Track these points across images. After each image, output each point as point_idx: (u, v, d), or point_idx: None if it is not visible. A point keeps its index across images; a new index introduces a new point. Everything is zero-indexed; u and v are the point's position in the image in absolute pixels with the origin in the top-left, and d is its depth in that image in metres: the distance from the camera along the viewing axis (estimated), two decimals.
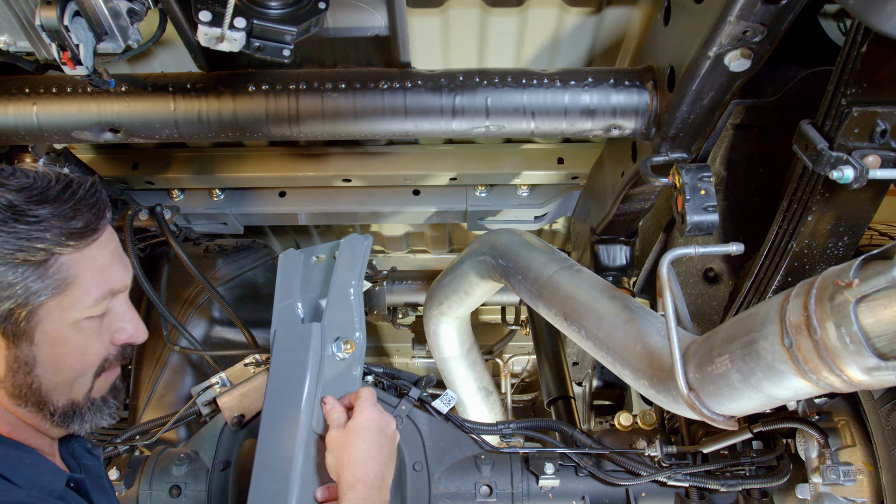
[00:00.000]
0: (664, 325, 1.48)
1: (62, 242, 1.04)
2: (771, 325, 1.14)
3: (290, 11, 1.36)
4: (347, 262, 1.71)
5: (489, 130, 1.68)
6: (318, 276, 1.78)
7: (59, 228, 1.04)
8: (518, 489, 1.91)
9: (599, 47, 1.86)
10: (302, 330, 1.65)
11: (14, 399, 1.08)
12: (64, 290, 1.05)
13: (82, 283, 1.07)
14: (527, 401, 4.61)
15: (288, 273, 1.79)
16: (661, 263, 1.37)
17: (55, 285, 1.04)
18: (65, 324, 1.07)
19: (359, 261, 1.72)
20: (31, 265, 1.02)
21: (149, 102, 1.64)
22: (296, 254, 1.83)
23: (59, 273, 1.04)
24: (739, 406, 1.29)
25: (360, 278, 1.71)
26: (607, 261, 2.24)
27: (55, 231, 1.03)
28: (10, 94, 1.64)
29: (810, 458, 1.92)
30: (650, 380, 1.50)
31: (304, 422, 1.52)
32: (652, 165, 1.63)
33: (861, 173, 1.24)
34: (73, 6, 1.22)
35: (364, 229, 3.02)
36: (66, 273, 1.05)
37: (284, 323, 1.71)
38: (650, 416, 2.11)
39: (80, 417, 1.15)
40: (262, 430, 1.55)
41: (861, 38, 1.20)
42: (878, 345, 1.00)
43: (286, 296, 1.75)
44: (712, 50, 1.31)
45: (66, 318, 1.07)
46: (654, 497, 2.01)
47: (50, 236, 1.03)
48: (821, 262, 1.53)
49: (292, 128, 1.67)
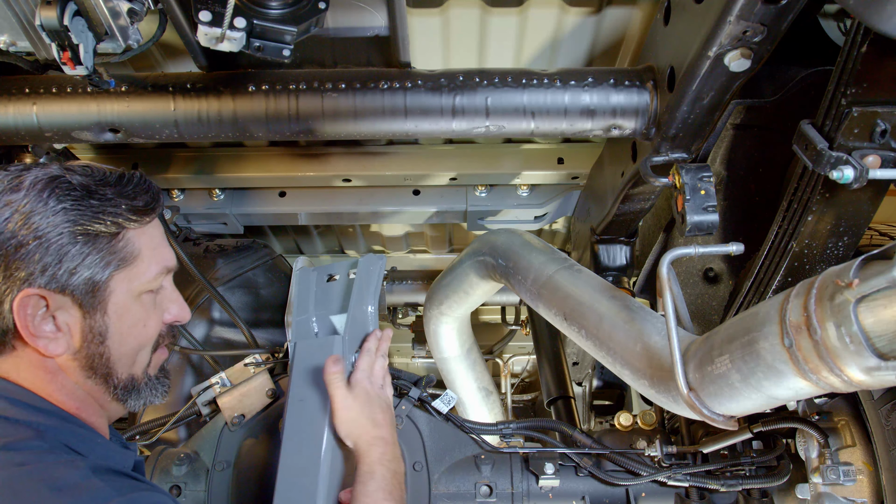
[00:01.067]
0: (664, 324, 1.48)
1: (129, 218, 1.13)
2: (771, 325, 1.14)
3: (290, 11, 1.36)
4: (365, 282, 1.84)
5: (489, 130, 1.68)
6: (333, 294, 1.90)
7: (125, 205, 1.12)
8: (518, 489, 1.91)
9: (599, 47, 1.86)
10: (323, 342, 1.74)
11: (86, 371, 1.13)
12: (130, 263, 1.13)
13: (144, 258, 1.15)
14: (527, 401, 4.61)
15: (304, 290, 1.91)
16: (661, 263, 1.37)
17: (123, 258, 1.12)
18: (131, 295, 1.15)
19: (374, 280, 1.84)
20: (106, 237, 1.10)
21: (149, 102, 1.64)
22: (310, 271, 1.97)
23: (126, 247, 1.13)
24: (739, 406, 1.29)
25: (377, 296, 1.83)
26: (607, 261, 2.24)
27: (122, 207, 1.12)
28: (10, 94, 1.64)
29: (810, 458, 1.92)
30: (650, 380, 1.50)
31: (329, 427, 1.58)
32: (652, 165, 1.63)
33: (861, 173, 1.24)
34: (73, 6, 1.22)
35: (364, 229, 3.02)
36: (131, 247, 1.13)
37: (303, 336, 1.81)
38: (650, 416, 2.11)
39: (138, 393, 1.22)
40: (286, 437, 1.60)
41: (861, 38, 1.20)
42: (878, 345, 1.00)
43: (302, 311, 1.86)
44: (712, 50, 1.31)
45: (132, 289, 1.14)
46: (654, 497, 2.01)
47: (119, 211, 1.11)
48: (821, 262, 1.53)
49: (292, 128, 1.67)
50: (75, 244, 1.07)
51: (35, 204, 1.05)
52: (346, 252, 3.21)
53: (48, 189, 1.07)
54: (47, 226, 1.05)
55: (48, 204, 1.06)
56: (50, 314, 1.07)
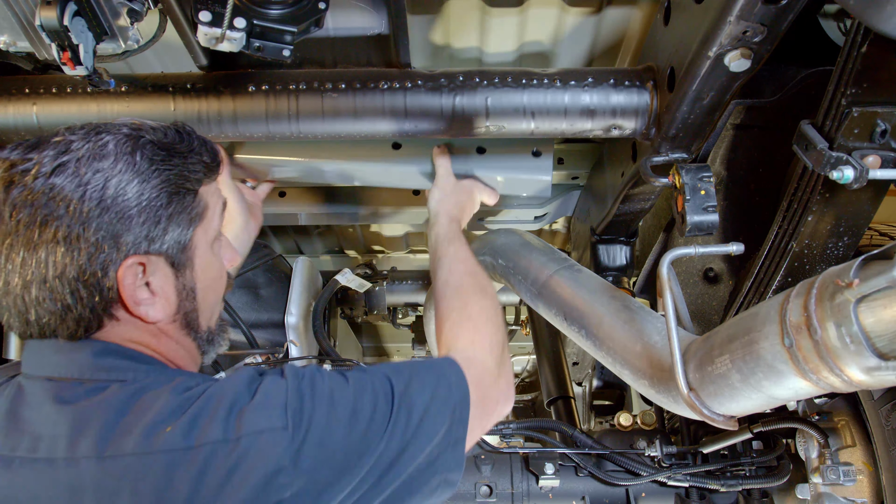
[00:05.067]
0: (664, 325, 1.48)
1: (204, 173, 1.14)
2: (771, 325, 1.14)
3: (290, 11, 1.35)
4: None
5: (489, 130, 1.68)
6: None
7: (199, 162, 1.13)
8: (518, 489, 1.91)
9: (599, 47, 1.86)
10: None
11: (184, 329, 1.14)
12: (204, 217, 1.14)
13: (211, 208, 1.16)
14: (527, 401, 4.61)
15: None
16: (661, 263, 1.37)
17: (200, 213, 1.13)
18: (208, 248, 1.16)
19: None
20: (190, 194, 1.10)
21: (149, 102, 1.64)
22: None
23: (201, 201, 1.13)
24: (739, 406, 1.29)
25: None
26: (607, 261, 2.24)
27: (199, 165, 1.12)
28: (10, 94, 1.64)
29: (810, 458, 1.93)
30: (650, 380, 1.50)
31: None
32: (652, 165, 1.63)
33: (861, 173, 1.24)
34: (73, 6, 1.22)
35: (364, 229, 3.02)
36: (204, 201, 1.14)
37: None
38: (650, 416, 2.11)
39: (212, 346, 1.23)
40: None
41: (861, 38, 1.20)
42: (878, 345, 1.00)
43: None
44: (712, 50, 1.31)
45: (208, 241, 1.16)
46: (654, 497, 2.01)
47: (198, 168, 1.12)
48: (821, 262, 1.54)
49: (292, 127, 1.67)
50: (170, 205, 1.06)
51: (129, 169, 1.02)
52: (346, 252, 3.21)
53: (138, 151, 1.04)
54: (145, 190, 1.03)
55: (141, 167, 1.03)
56: (145, 279, 1.05)
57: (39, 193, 0.98)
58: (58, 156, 1.00)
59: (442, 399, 1.12)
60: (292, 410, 0.97)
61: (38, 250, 0.99)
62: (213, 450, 0.92)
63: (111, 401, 0.98)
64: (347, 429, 1.00)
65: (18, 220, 0.98)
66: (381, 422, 1.03)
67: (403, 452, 1.05)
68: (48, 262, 0.99)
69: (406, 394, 1.08)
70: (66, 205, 0.98)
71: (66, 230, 0.98)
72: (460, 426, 1.14)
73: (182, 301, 1.11)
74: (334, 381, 1.06)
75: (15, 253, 0.99)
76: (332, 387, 1.04)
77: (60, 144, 1.02)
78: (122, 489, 0.91)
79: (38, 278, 0.99)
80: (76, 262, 0.99)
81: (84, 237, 0.99)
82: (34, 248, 0.99)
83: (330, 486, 0.97)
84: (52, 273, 0.99)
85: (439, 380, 1.15)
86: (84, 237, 0.99)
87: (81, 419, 0.96)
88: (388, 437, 1.03)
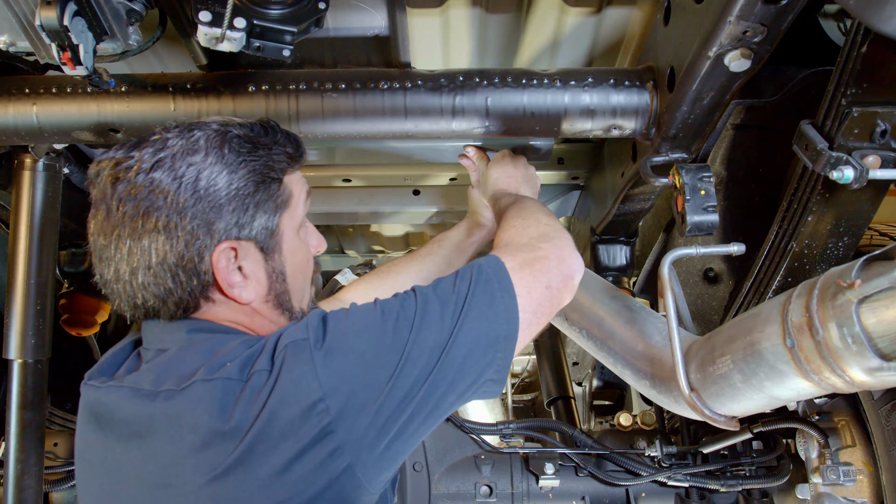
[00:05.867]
0: (665, 325, 1.48)
1: (288, 163, 1.22)
2: (773, 326, 1.14)
3: (290, 11, 1.35)
4: None
5: (489, 130, 1.68)
6: None
7: (283, 153, 1.21)
8: (518, 489, 1.91)
9: (599, 47, 1.86)
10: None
11: (277, 310, 1.22)
12: (289, 204, 1.21)
13: (295, 196, 1.23)
14: (527, 401, 4.61)
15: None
16: (662, 264, 1.37)
17: (286, 200, 1.20)
18: (294, 233, 1.23)
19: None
20: (275, 182, 1.18)
21: (149, 102, 1.63)
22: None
23: (286, 189, 1.21)
24: (741, 406, 1.29)
25: None
26: (607, 261, 2.24)
27: (283, 155, 1.21)
28: (10, 94, 1.64)
29: (810, 459, 1.93)
30: (651, 380, 1.50)
31: None
32: (652, 165, 1.63)
33: (861, 173, 1.24)
34: (73, 6, 1.22)
35: (364, 229, 3.02)
36: (289, 189, 1.22)
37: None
38: (650, 416, 2.11)
39: None
40: None
41: (861, 38, 1.20)
42: (880, 345, 1.00)
43: None
44: (712, 50, 1.31)
45: (294, 226, 1.23)
46: (654, 497, 2.01)
47: (282, 159, 1.20)
48: (821, 262, 1.54)
49: (292, 128, 1.67)
50: (257, 193, 1.14)
51: (218, 162, 1.11)
52: (346, 252, 3.21)
53: (226, 145, 1.13)
54: (234, 180, 1.12)
55: (229, 160, 1.12)
56: (238, 263, 1.14)
57: (141, 187, 1.08)
58: (156, 152, 1.11)
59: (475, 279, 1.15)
60: (312, 326, 1.06)
61: (142, 239, 1.09)
62: (260, 377, 1.02)
63: (189, 354, 1.10)
64: (369, 322, 1.07)
65: (124, 213, 1.09)
66: (409, 313, 1.08)
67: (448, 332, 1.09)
68: (151, 249, 1.09)
69: (437, 287, 1.15)
70: (165, 196, 1.08)
71: (165, 220, 1.08)
72: (506, 294, 1.17)
73: (273, 283, 1.19)
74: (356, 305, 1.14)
75: (122, 243, 1.10)
76: (352, 305, 1.13)
77: (158, 142, 1.12)
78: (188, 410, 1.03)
79: (143, 265, 1.10)
80: (175, 248, 1.09)
81: (181, 225, 1.09)
82: (138, 238, 1.09)
83: (361, 380, 1.03)
84: (155, 259, 1.09)
85: (466, 269, 1.18)
86: (181, 225, 1.09)
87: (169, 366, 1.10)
88: (419, 325, 1.07)
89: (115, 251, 1.11)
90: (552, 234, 1.36)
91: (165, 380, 1.07)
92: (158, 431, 1.05)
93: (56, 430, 2.42)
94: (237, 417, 0.99)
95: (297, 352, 1.03)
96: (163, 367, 1.10)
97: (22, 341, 1.88)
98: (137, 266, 1.10)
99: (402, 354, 1.04)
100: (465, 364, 1.09)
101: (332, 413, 0.99)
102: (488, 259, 1.22)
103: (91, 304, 2.40)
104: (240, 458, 0.98)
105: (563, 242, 1.35)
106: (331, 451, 1.00)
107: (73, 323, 2.40)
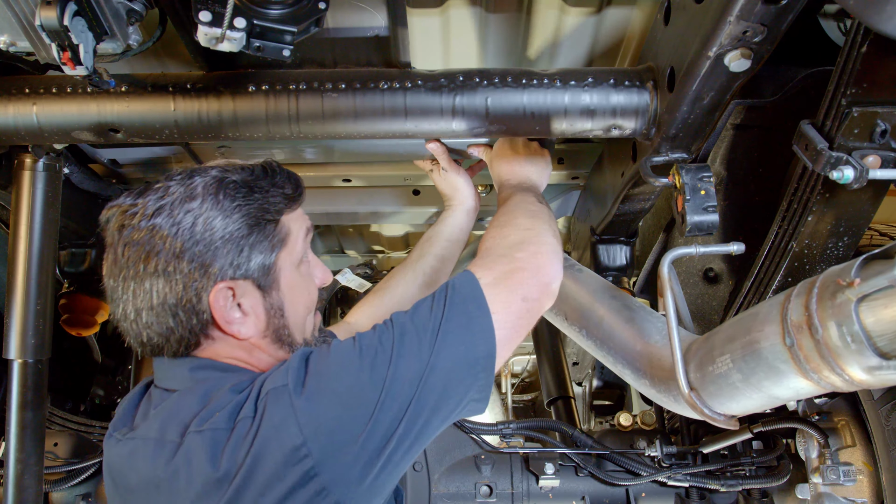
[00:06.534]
0: (665, 324, 1.48)
1: (285, 204, 1.28)
2: (772, 325, 1.14)
3: (290, 11, 1.35)
4: None
5: (489, 130, 1.68)
6: None
7: (280, 195, 1.27)
8: (518, 489, 1.91)
9: (599, 47, 1.86)
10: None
11: (276, 343, 1.27)
12: (286, 242, 1.27)
13: (294, 234, 1.29)
14: (527, 401, 4.61)
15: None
16: (661, 263, 1.37)
17: (283, 238, 1.26)
18: (293, 269, 1.29)
19: None
20: (271, 223, 1.24)
21: (149, 102, 1.63)
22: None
23: (283, 228, 1.27)
24: (740, 406, 1.29)
25: None
26: (607, 261, 2.24)
27: (279, 197, 1.27)
28: (10, 94, 1.64)
29: (810, 459, 1.93)
30: (651, 379, 1.50)
31: None
32: (652, 165, 1.63)
33: (861, 173, 1.24)
34: (73, 6, 1.22)
35: (364, 229, 3.02)
36: (287, 228, 1.28)
37: None
38: (650, 416, 2.11)
39: None
40: None
41: (861, 38, 1.20)
42: (879, 344, 1.00)
43: None
44: (712, 50, 1.31)
45: (293, 262, 1.29)
46: (654, 497, 2.01)
47: (277, 200, 1.26)
48: (821, 262, 1.54)
49: (292, 127, 1.67)
50: (251, 235, 1.20)
51: (214, 207, 1.18)
52: (346, 252, 3.21)
53: (221, 191, 1.20)
54: (228, 224, 1.18)
55: (224, 205, 1.19)
56: (236, 301, 1.20)
57: (144, 232, 1.16)
58: (158, 200, 1.18)
59: (449, 302, 1.19)
60: (293, 369, 1.10)
61: (145, 281, 1.16)
62: (244, 424, 1.07)
63: (189, 399, 1.16)
64: (347, 361, 1.11)
65: (128, 257, 1.17)
66: (386, 347, 1.12)
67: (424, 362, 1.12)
68: (153, 291, 1.16)
69: (415, 314, 1.19)
70: (164, 241, 1.15)
71: (164, 263, 1.15)
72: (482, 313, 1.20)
73: (271, 318, 1.25)
74: (338, 342, 1.18)
75: (128, 284, 1.18)
76: (334, 343, 1.17)
77: (160, 189, 1.20)
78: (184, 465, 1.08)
79: (147, 305, 1.17)
80: (174, 289, 1.16)
81: (179, 268, 1.15)
82: (141, 280, 1.16)
83: (340, 421, 1.06)
84: (157, 300, 1.17)
85: (441, 291, 1.22)
86: (179, 268, 1.15)
87: (172, 412, 1.16)
88: (397, 358, 1.11)
89: (123, 292, 1.18)
90: (530, 241, 1.41)
91: (169, 428, 1.13)
92: (162, 488, 1.11)
93: (56, 430, 2.42)
94: (225, 465, 1.05)
95: (277, 398, 1.07)
96: (167, 414, 1.16)
97: (22, 341, 1.88)
98: (142, 306, 1.17)
99: (381, 390, 1.08)
100: (446, 390, 1.13)
101: (315, 456, 1.04)
102: (462, 277, 1.26)
103: (91, 304, 2.41)
104: (230, 502, 1.04)
105: (542, 248, 1.39)
106: (316, 491, 1.04)
107: (73, 323, 2.40)
